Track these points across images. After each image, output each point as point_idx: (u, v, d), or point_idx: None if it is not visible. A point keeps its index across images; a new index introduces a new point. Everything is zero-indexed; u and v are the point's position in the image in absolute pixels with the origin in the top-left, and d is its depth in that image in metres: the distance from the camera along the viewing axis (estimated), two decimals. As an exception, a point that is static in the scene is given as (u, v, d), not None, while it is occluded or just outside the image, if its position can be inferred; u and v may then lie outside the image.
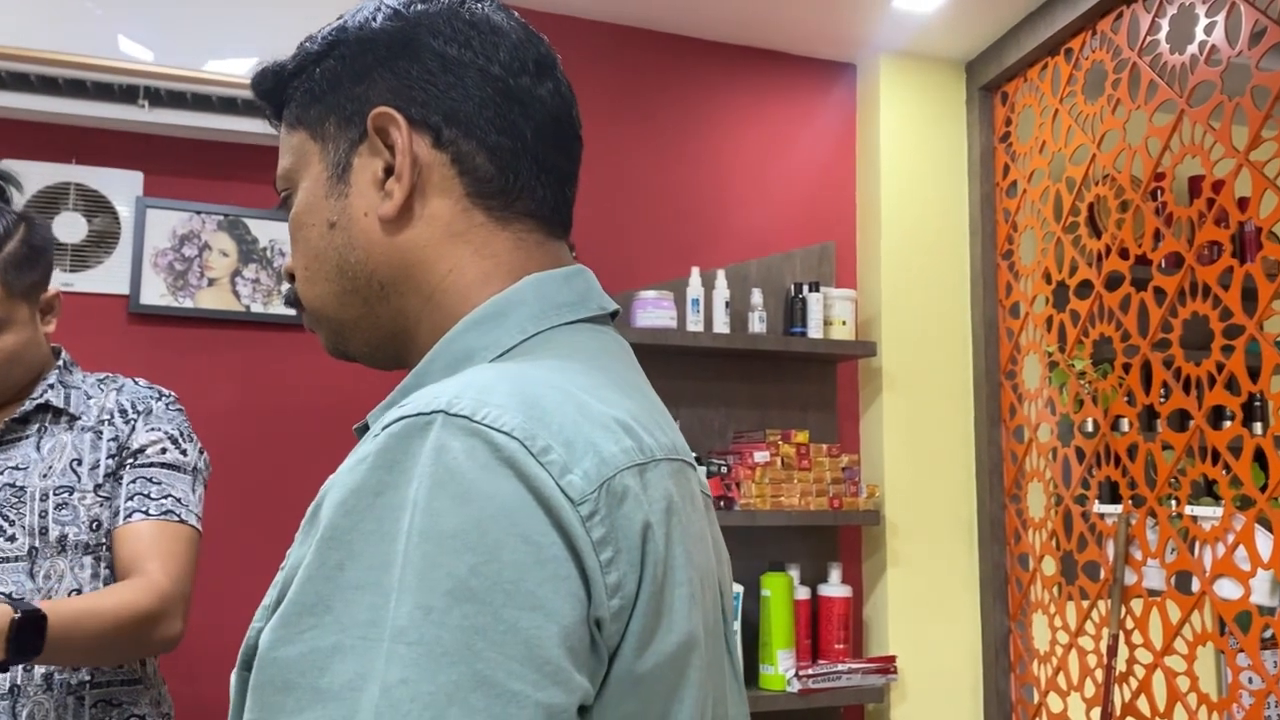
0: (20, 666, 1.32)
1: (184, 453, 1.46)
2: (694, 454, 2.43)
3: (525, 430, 0.54)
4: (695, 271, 2.58)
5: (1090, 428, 2.47)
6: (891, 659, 2.57)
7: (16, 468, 1.40)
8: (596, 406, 0.59)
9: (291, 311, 2.32)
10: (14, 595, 1.34)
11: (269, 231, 2.36)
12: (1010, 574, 2.69)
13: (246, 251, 2.35)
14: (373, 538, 0.52)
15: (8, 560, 1.35)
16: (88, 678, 1.37)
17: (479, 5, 0.73)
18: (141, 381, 1.52)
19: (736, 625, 2.44)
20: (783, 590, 2.49)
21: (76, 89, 2.15)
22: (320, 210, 0.72)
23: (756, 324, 2.61)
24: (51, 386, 1.45)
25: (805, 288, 2.66)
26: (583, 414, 0.58)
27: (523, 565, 0.51)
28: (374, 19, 0.72)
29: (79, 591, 1.38)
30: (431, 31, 0.70)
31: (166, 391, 1.52)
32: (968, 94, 2.87)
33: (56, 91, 2.15)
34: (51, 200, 2.25)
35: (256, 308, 2.34)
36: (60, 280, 2.21)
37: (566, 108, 0.74)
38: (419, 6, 0.72)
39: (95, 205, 2.26)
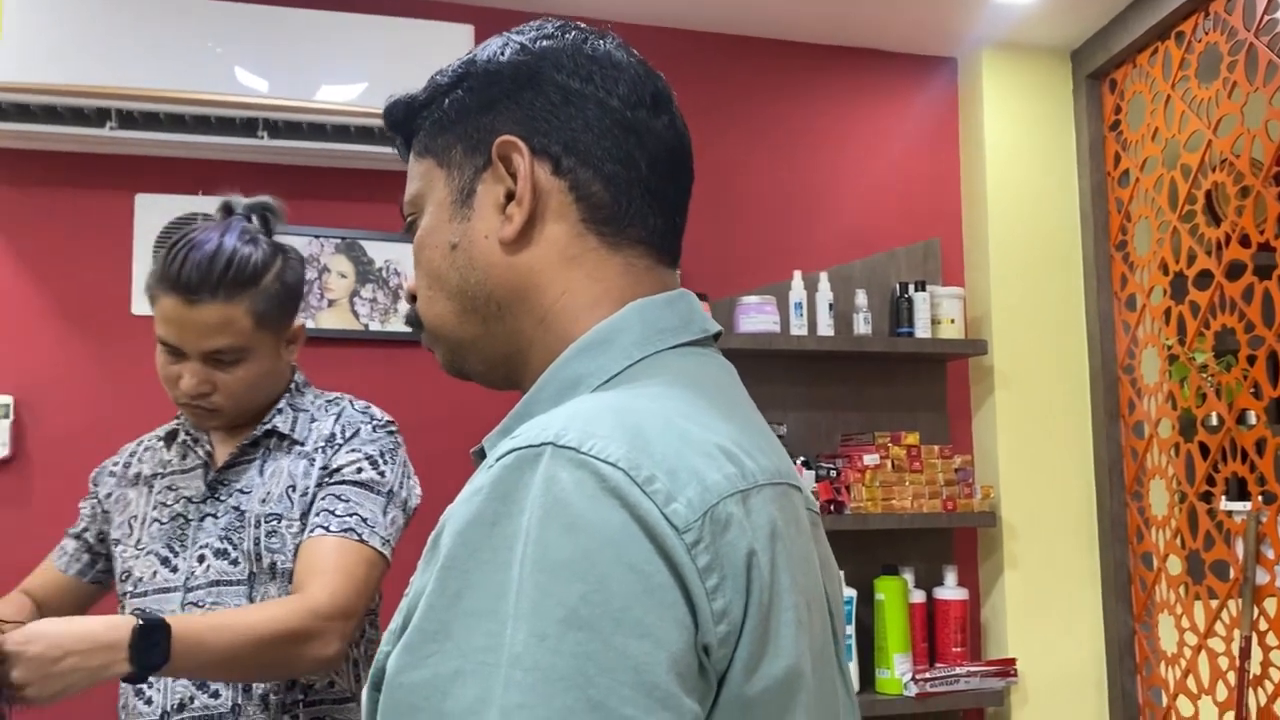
0: (240, 687, 1.35)
1: (381, 474, 1.43)
2: (802, 458, 2.44)
3: (630, 460, 0.56)
4: (797, 275, 2.57)
5: (1215, 422, 2.39)
6: (1011, 662, 2.53)
7: (242, 491, 1.43)
8: (699, 433, 0.61)
9: (408, 329, 2.41)
10: None
11: (384, 252, 2.45)
12: (1133, 573, 2.62)
13: (364, 272, 2.44)
14: (488, 567, 0.54)
15: (230, 583, 1.38)
16: (301, 696, 1.38)
17: (601, 42, 0.76)
18: (360, 404, 1.51)
19: (850, 629, 2.43)
20: (897, 594, 2.47)
21: (201, 124, 2.27)
22: (443, 233, 0.75)
23: (862, 325, 2.59)
24: (280, 411, 1.46)
25: (911, 287, 2.63)
26: (685, 442, 0.60)
27: (630, 594, 0.53)
28: (502, 53, 0.76)
29: None
30: (555, 65, 0.74)
31: (380, 415, 1.50)
32: (1074, 83, 2.80)
33: (184, 128, 2.26)
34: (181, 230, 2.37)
35: (375, 326, 2.43)
36: (192, 306, 2.32)
37: (680, 140, 0.77)
38: (544, 42, 0.75)
39: (221, 234, 2.38)
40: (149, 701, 1.37)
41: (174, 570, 1.42)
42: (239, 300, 1.37)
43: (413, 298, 0.79)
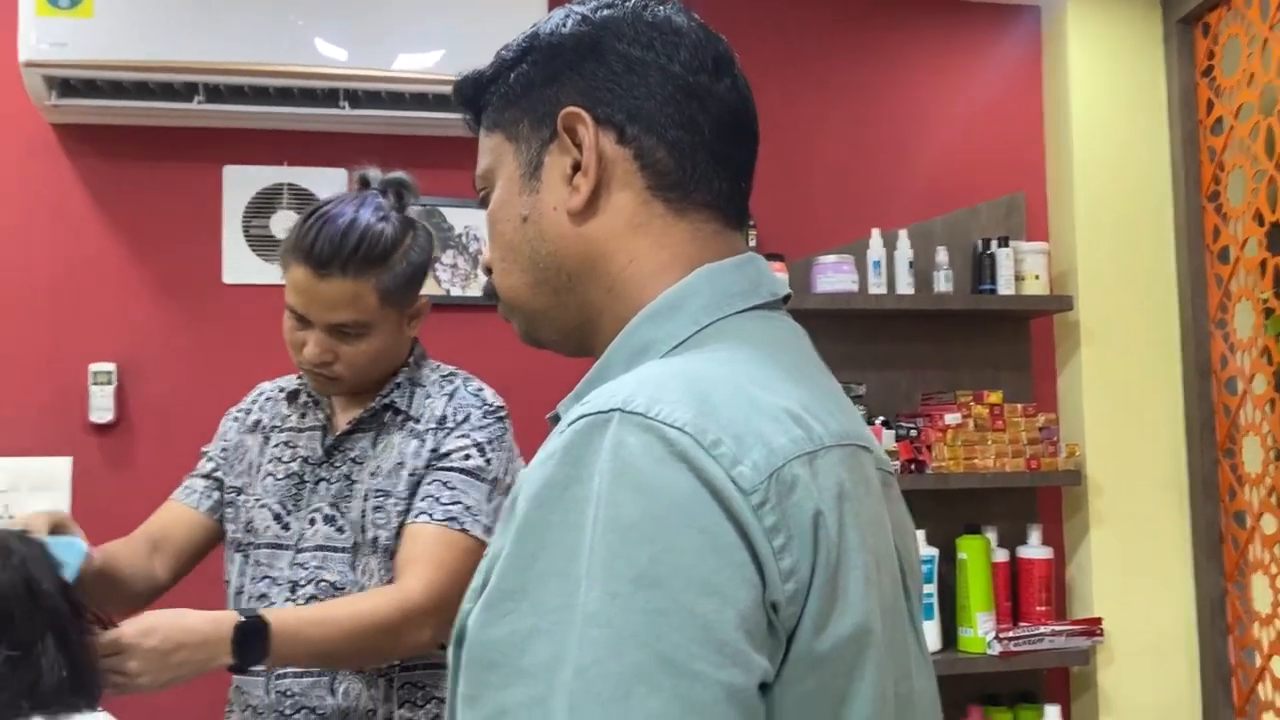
0: None
1: (487, 461, 1.45)
2: (881, 418, 2.43)
3: (696, 425, 0.58)
4: (876, 233, 2.54)
5: (1313, 378, 2.31)
6: (1097, 621, 2.50)
7: (355, 460, 1.47)
8: (765, 398, 0.62)
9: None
10: (336, 584, 1.42)
11: (463, 219, 2.49)
12: (1225, 532, 2.55)
13: (444, 239, 2.48)
14: (561, 529, 0.57)
15: (336, 550, 1.44)
16: (396, 662, 1.43)
17: (660, 8, 0.77)
18: (473, 385, 1.53)
19: (932, 589, 2.42)
20: (979, 553, 2.45)
21: (284, 96, 2.32)
22: (514, 206, 0.77)
23: (942, 283, 2.56)
24: (399, 385, 1.49)
25: (994, 243, 2.59)
26: (752, 406, 0.61)
27: (699, 554, 0.55)
28: (564, 25, 0.77)
29: None
30: (616, 34, 0.75)
31: (492, 401, 1.51)
32: (1164, 28, 2.70)
33: (267, 100, 2.32)
34: (268, 200, 2.44)
35: (455, 292, 2.47)
36: (278, 274, 2.39)
37: (743, 103, 0.77)
38: (605, 12, 0.76)
39: (306, 202, 2.44)
40: (239, 673, 1.42)
41: (286, 528, 1.47)
42: (367, 278, 1.39)
43: (488, 270, 0.81)
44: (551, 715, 0.53)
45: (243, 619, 1.23)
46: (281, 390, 1.59)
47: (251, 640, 1.23)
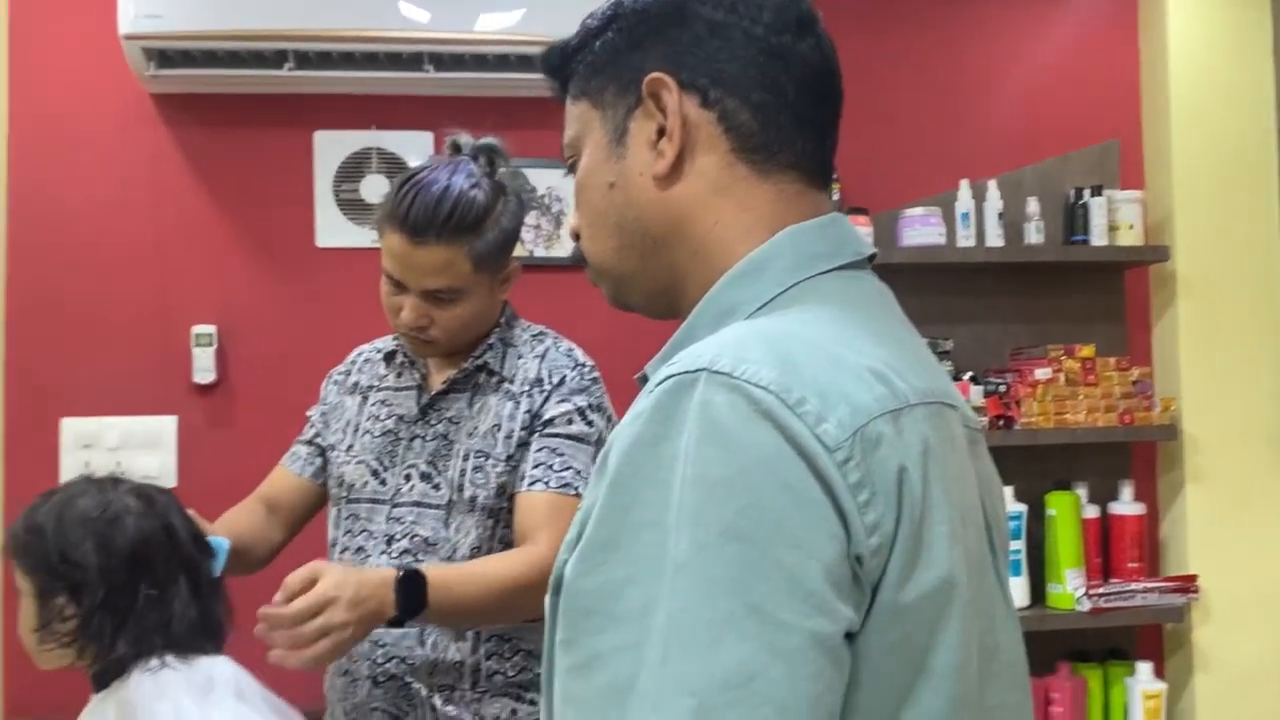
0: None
1: (589, 424, 1.49)
2: (969, 373, 2.40)
3: (780, 384, 0.60)
4: (964, 184, 2.50)
5: None
6: (1192, 578, 2.45)
7: (451, 420, 1.51)
8: (849, 357, 0.64)
9: (570, 256, 2.47)
10: (430, 540, 1.47)
11: (546, 179, 2.51)
12: (1331, 489, 2.48)
13: (526, 199, 2.50)
14: (651, 483, 0.59)
15: (431, 506, 1.49)
16: None
17: None
18: (564, 346, 1.56)
19: (1019, 545, 2.39)
20: (1069, 509, 2.42)
21: (370, 61, 2.36)
22: (601, 173, 0.78)
23: (1033, 234, 2.50)
24: (491, 347, 1.53)
25: (1087, 192, 2.52)
26: (835, 365, 0.62)
27: (784, 509, 0.57)
28: None
29: (479, 549, 1.46)
30: None
31: (584, 361, 1.55)
32: (1272, -37, 2.58)
33: (354, 65, 2.36)
34: (357, 165, 2.49)
35: (539, 253, 2.50)
36: (369, 238, 2.45)
37: (826, 62, 0.77)
38: None
39: (394, 166, 2.49)
40: (398, 625, 1.45)
41: (383, 483, 1.52)
42: (460, 244, 1.42)
43: (576, 236, 0.83)
44: (645, 658, 0.56)
45: (403, 573, 1.28)
46: (379, 351, 1.64)
47: (412, 592, 1.28)
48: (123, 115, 2.45)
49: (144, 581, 1.16)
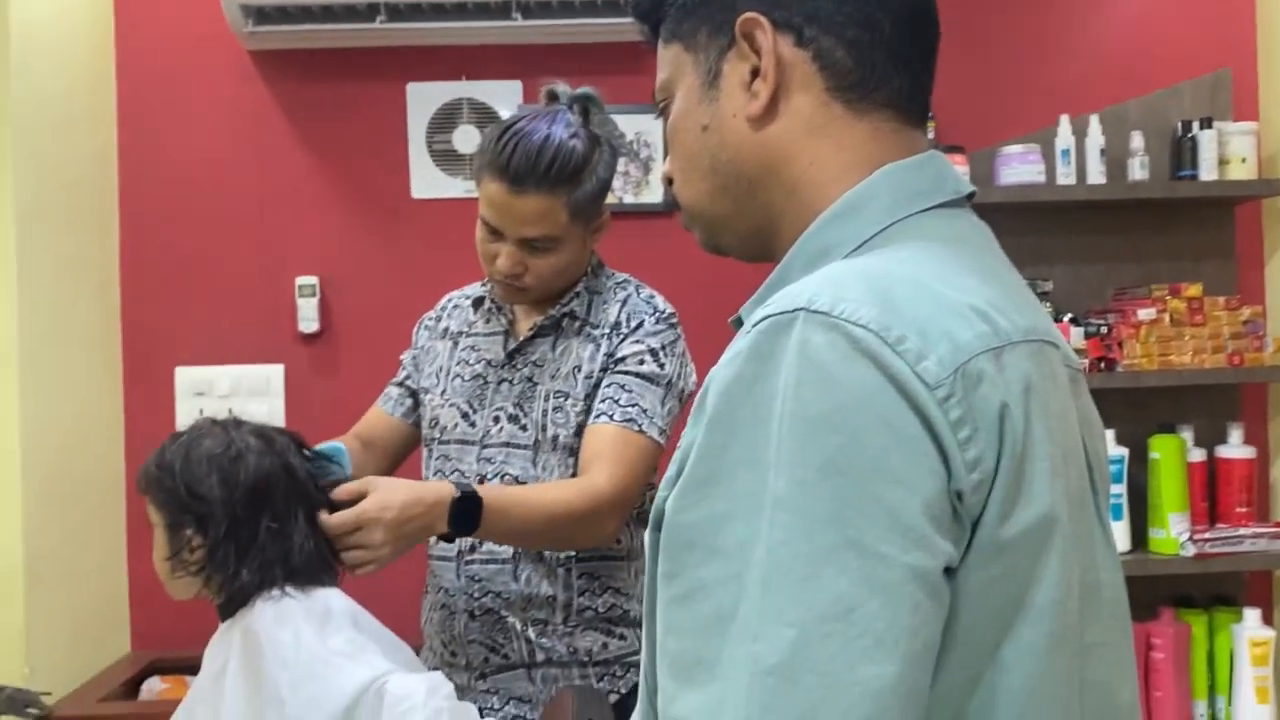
0: None
1: (660, 365, 1.51)
2: (1069, 314, 2.34)
3: (880, 322, 0.60)
4: (1064, 119, 2.42)
5: None
6: (1304, 524, 2.37)
7: (536, 364, 1.56)
8: (950, 294, 0.63)
9: (660, 201, 2.47)
10: (519, 479, 1.52)
11: (634, 125, 2.50)
12: None
13: (619, 148, 2.50)
14: (750, 421, 0.60)
15: (519, 447, 1.54)
16: (573, 553, 1.53)
17: None
18: (645, 292, 1.59)
19: (1121, 489, 2.34)
20: (1173, 452, 2.36)
21: (460, 11, 2.38)
22: (694, 116, 0.78)
23: (1137, 170, 2.42)
24: (577, 295, 1.56)
25: (1196, 125, 2.42)
26: (936, 303, 0.62)
27: (884, 445, 0.58)
28: None
29: None
30: None
31: (663, 308, 1.57)
32: (1404, -128, 2.42)
33: (444, 16, 2.38)
34: (449, 116, 2.52)
35: (628, 199, 2.51)
36: (462, 188, 2.49)
37: None
38: None
39: (484, 116, 2.51)
40: (450, 540, 1.55)
41: (472, 425, 1.57)
42: (559, 194, 1.45)
43: (669, 180, 0.84)
44: (745, 590, 0.57)
45: (459, 493, 1.34)
46: (467, 298, 1.69)
47: (466, 512, 1.34)
48: (224, 73, 2.52)
49: (264, 515, 1.23)
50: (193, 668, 1.28)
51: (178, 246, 2.52)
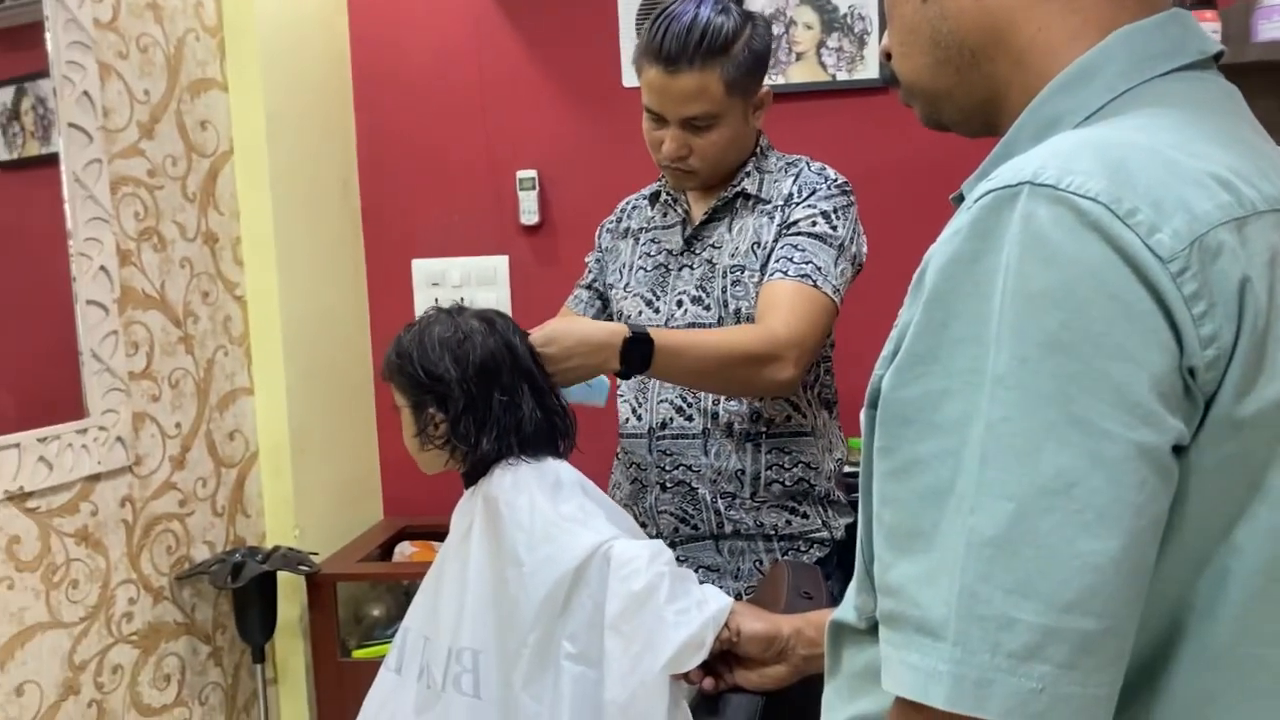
0: (710, 414, 1.58)
1: (833, 227, 1.54)
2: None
3: (1110, 194, 0.58)
4: (1338, -37, 2.16)
5: None
6: None
7: (714, 246, 1.61)
8: (1188, 163, 0.60)
9: (876, 77, 2.39)
10: None
11: (848, -1, 2.42)
12: None
13: (828, 21, 2.43)
14: (971, 298, 0.59)
15: (704, 325, 1.59)
16: (763, 428, 1.59)
17: None
18: (816, 165, 1.61)
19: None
20: None
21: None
22: None
23: None
24: (749, 174, 1.61)
25: None
26: (1172, 172, 0.59)
27: (1111, 320, 0.56)
28: None
29: None
30: None
31: (834, 175, 1.60)
32: None
33: (652, -102, 2.36)
34: (656, 2, 2.50)
35: (842, 76, 2.44)
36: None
37: None
38: None
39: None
40: (640, 419, 1.65)
41: (656, 311, 1.64)
42: (713, 68, 1.48)
43: (888, 55, 0.82)
44: (963, 465, 0.58)
45: (631, 333, 1.39)
46: (643, 197, 1.76)
47: (637, 351, 1.39)
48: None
49: (495, 389, 1.32)
50: (437, 534, 1.40)
51: (411, 145, 2.66)
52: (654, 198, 1.73)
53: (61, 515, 1.81)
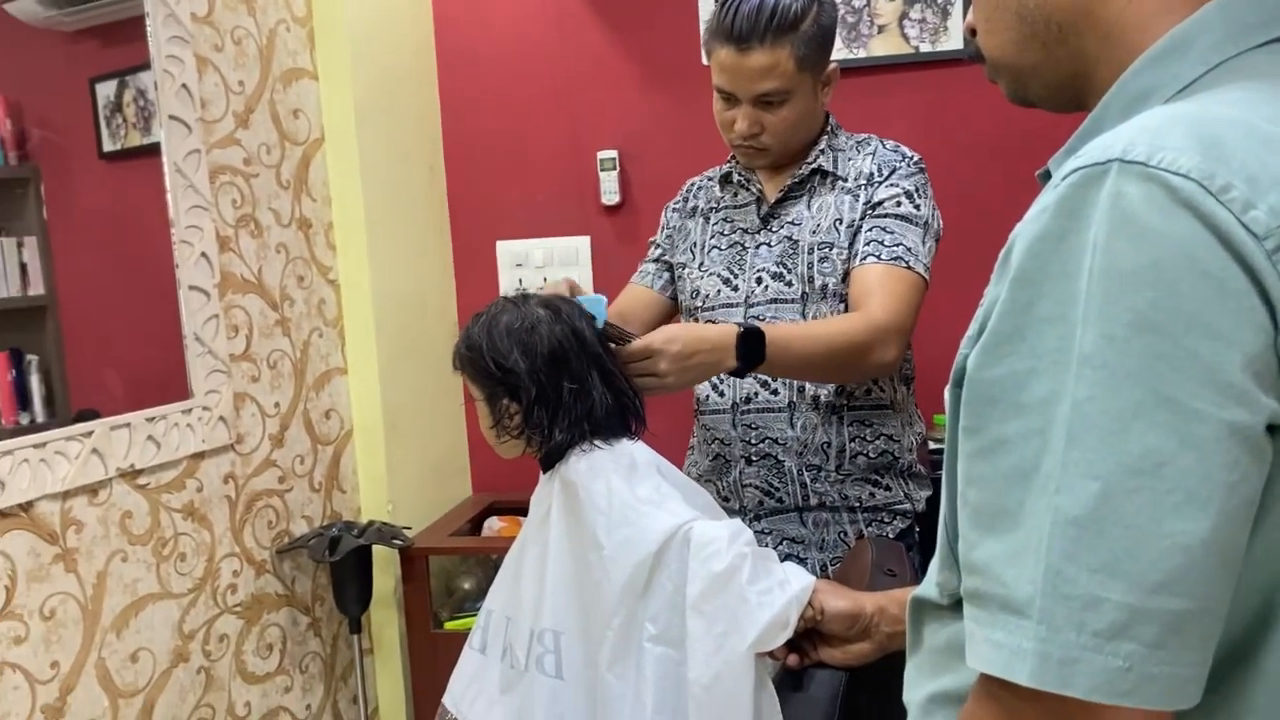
0: (795, 387, 1.61)
1: (917, 207, 1.57)
2: None
3: (1203, 170, 0.57)
4: None
5: None
6: None
7: (792, 223, 1.64)
8: None
9: (959, 49, 2.35)
10: None
11: (931, -31, 2.37)
12: None
13: (906, -6, 2.40)
14: (1058, 277, 0.59)
15: (787, 301, 1.62)
16: (845, 401, 1.61)
17: None
18: (889, 144, 1.65)
19: None
20: None
21: None
22: None
23: None
24: (822, 152, 1.64)
25: None
26: (1268, 147, 0.58)
27: (1202, 298, 0.55)
28: None
29: None
30: None
31: (910, 153, 1.63)
32: None
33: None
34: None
35: (925, 48, 2.40)
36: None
37: None
38: None
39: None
40: (722, 395, 1.66)
41: (735, 289, 1.66)
42: (782, 45, 1.51)
43: (973, 31, 0.81)
44: (1050, 444, 0.58)
45: (743, 330, 1.42)
46: (710, 179, 1.78)
47: (752, 347, 1.42)
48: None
49: (564, 377, 1.33)
50: (524, 509, 1.43)
51: (492, 130, 2.70)
52: (725, 179, 1.74)
53: (169, 491, 1.89)
